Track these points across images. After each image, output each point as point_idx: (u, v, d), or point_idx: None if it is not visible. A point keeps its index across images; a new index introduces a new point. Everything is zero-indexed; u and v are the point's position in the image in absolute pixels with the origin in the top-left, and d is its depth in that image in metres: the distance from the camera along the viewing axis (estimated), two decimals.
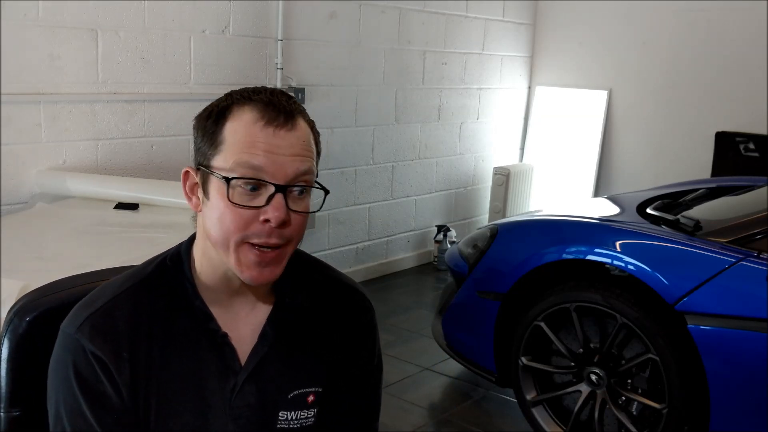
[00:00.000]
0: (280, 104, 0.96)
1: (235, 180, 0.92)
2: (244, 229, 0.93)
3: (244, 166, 0.92)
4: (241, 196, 0.93)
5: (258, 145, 0.93)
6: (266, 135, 0.93)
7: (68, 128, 3.03)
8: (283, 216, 0.93)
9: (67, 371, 0.94)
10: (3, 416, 1.06)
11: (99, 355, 0.93)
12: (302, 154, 0.95)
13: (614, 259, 2.46)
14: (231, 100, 0.97)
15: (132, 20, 3.16)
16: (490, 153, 5.34)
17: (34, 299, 1.08)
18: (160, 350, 0.97)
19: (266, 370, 1.02)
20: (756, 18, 4.44)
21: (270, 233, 0.94)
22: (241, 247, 0.94)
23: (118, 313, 0.96)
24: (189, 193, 1.00)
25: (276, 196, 0.93)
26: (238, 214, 0.93)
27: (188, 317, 0.99)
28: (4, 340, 1.06)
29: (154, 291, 0.99)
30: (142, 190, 2.80)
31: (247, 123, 0.94)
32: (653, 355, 2.36)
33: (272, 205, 0.93)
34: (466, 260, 2.89)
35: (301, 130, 0.96)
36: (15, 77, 2.83)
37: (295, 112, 0.97)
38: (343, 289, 1.12)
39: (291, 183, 0.94)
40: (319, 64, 4.01)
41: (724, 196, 3.07)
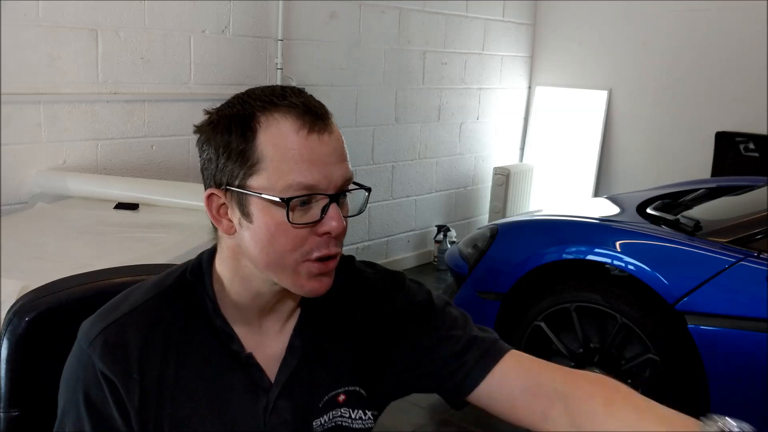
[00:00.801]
0: (311, 105, 0.88)
1: (293, 200, 0.85)
2: (301, 247, 0.88)
3: (297, 187, 0.85)
4: (299, 215, 0.87)
5: (308, 159, 0.85)
6: (313, 144, 0.86)
7: (68, 128, 3.03)
8: (343, 224, 0.88)
9: (76, 385, 0.90)
10: (2, 416, 1.06)
11: (108, 375, 0.88)
12: (345, 156, 0.90)
13: (614, 259, 2.46)
14: (251, 108, 0.88)
15: (132, 20, 3.16)
16: (490, 153, 5.34)
17: (34, 299, 1.07)
18: (175, 371, 0.91)
19: (297, 382, 0.97)
20: (756, 18, 4.44)
21: (329, 244, 0.89)
22: (301, 266, 0.89)
23: (131, 329, 0.90)
24: (217, 216, 0.92)
25: (331, 207, 0.87)
26: (294, 233, 0.87)
27: (208, 337, 0.93)
28: (3, 340, 1.06)
29: (172, 307, 0.93)
30: (142, 190, 2.80)
31: (287, 134, 0.85)
32: (653, 355, 2.36)
33: (330, 217, 0.87)
34: (466, 260, 2.89)
35: (336, 128, 0.90)
36: (15, 77, 2.83)
37: (326, 109, 0.90)
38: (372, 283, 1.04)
39: (341, 190, 0.89)
40: (319, 64, 4.01)
41: (724, 196, 3.07)
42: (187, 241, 2.29)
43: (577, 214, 2.84)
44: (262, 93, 0.89)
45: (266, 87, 0.91)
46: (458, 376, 0.99)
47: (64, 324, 1.00)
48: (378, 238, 4.62)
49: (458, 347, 1.00)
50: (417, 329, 1.01)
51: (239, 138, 0.87)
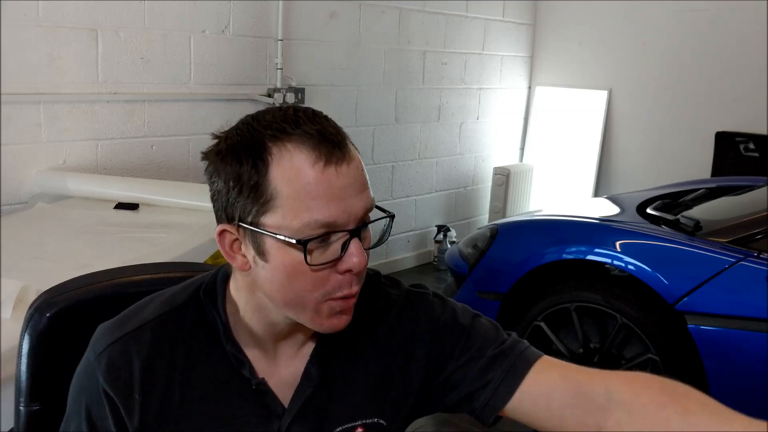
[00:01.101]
0: (328, 132, 0.80)
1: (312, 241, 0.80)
2: (322, 287, 0.82)
3: (315, 226, 0.79)
4: (317, 257, 0.81)
5: (325, 194, 0.79)
6: (330, 178, 0.79)
7: (68, 128, 3.03)
8: (364, 261, 0.82)
9: (80, 395, 0.89)
10: (23, 410, 1.08)
11: (110, 393, 0.86)
12: (365, 185, 0.83)
13: (614, 259, 2.46)
14: (261, 137, 0.80)
15: (132, 20, 3.16)
16: (490, 153, 5.34)
17: (55, 295, 1.09)
18: (181, 391, 0.88)
19: (312, 410, 0.92)
20: (756, 18, 4.44)
21: (351, 282, 0.83)
22: (322, 305, 0.84)
23: (135, 349, 0.87)
24: (230, 252, 0.85)
25: (352, 243, 0.81)
26: (314, 274, 0.81)
27: (218, 360, 0.89)
28: (24, 335, 1.07)
29: (182, 325, 0.89)
30: (142, 190, 2.80)
31: (302, 168, 0.78)
32: (653, 355, 2.36)
33: (350, 254, 0.81)
34: (466, 260, 2.89)
35: (355, 155, 0.82)
36: (15, 77, 2.83)
37: (343, 135, 0.82)
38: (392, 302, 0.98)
39: (362, 222, 0.83)
40: (319, 64, 4.01)
41: (724, 196, 3.07)
42: (187, 241, 2.29)
43: (577, 214, 2.84)
44: (273, 119, 0.81)
45: (277, 110, 0.83)
46: (484, 395, 0.92)
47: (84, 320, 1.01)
48: None
49: (483, 364, 0.93)
50: (440, 351, 0.95)
51: (250, 170, 0.80)
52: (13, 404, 1.09)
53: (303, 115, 0.82)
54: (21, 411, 1.08)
